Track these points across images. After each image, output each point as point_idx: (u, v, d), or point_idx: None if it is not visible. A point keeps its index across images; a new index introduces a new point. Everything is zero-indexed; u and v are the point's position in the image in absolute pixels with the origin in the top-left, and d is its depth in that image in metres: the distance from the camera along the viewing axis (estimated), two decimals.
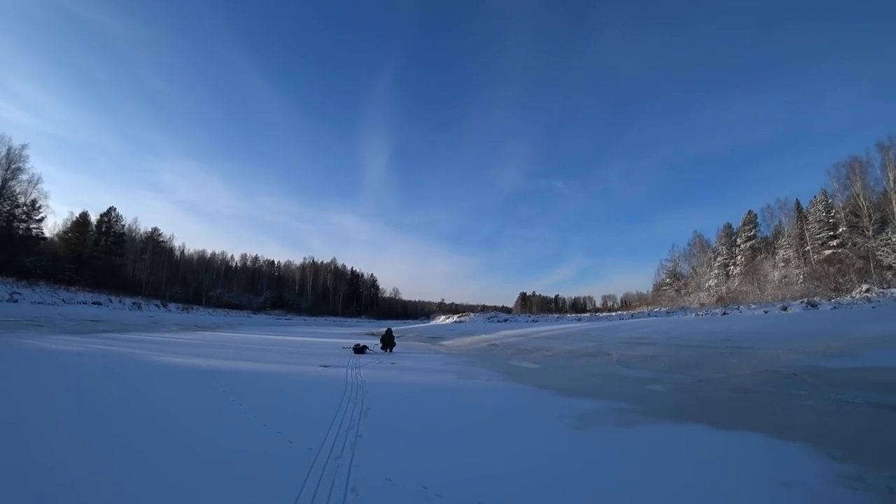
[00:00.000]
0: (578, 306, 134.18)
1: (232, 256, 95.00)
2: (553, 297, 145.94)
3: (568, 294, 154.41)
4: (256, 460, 3.52)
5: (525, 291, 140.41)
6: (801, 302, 25.27)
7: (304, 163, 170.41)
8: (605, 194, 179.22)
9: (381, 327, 24.82)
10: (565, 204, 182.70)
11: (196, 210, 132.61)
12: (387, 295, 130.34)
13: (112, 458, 3.41)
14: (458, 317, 61.58)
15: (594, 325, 28.11)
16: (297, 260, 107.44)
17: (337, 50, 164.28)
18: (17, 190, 41.25)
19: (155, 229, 67.25)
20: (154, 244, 65.82)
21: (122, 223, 58.82)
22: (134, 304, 42.52)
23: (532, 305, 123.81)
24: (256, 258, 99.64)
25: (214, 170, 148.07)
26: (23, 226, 42.02)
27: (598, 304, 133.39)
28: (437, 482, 3.17)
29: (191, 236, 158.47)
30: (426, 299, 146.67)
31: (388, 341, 16.83)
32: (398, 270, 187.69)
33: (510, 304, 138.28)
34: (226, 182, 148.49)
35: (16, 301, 28.58)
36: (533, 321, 46.83)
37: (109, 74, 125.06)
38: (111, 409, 5.07)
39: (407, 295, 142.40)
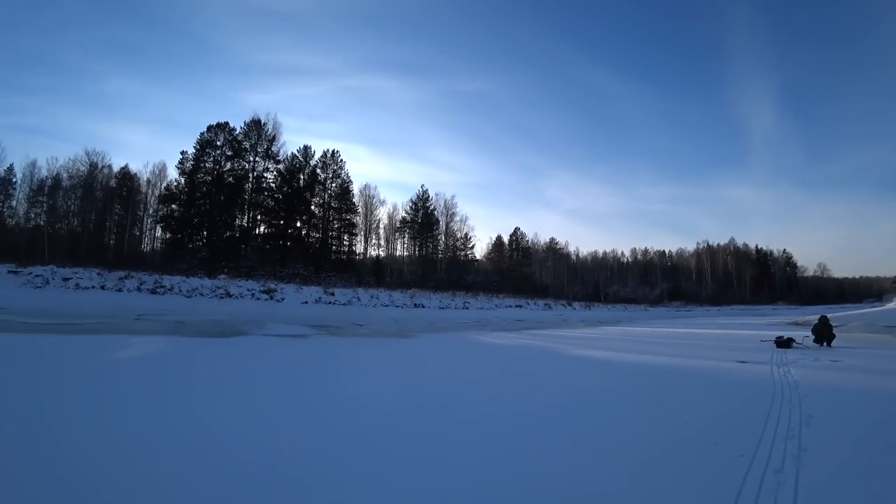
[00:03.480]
0: None
1: (622, 253, 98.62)
2: None
3: None
4: (680, 456, 3.61)
5: None
6: None
7: (672, 144, 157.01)
8: None
9: (805, 314, 19.79)
10: None
11: (581, 215, 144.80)
12: (808, 274, 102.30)
13: (585, 424, 4.30)
14: None
15: None
16: (690, 246, 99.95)
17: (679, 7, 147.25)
18: (455, 228, 61.41)
19: (552, 239, 79.76)
20: (553, 252, 77.84)
21: (526, 239, 73.83)
22: (545, 304, 50.91)
23: None
24: (646, 251, 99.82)
25: (589, 175, 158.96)
26: (462, 253, 61.51)
27: None
28: None
29: (581, 240, 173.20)
30: (871, 274, 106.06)
31: (822, 332, 13.42)
32: (820, 241, 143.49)
33: None
34: (602, 183, 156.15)
35: (466, 308, 40.15)
36: None
37: (490, 124, 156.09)
38: (551, 395, 6.36)
39: (839, 271, 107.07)
